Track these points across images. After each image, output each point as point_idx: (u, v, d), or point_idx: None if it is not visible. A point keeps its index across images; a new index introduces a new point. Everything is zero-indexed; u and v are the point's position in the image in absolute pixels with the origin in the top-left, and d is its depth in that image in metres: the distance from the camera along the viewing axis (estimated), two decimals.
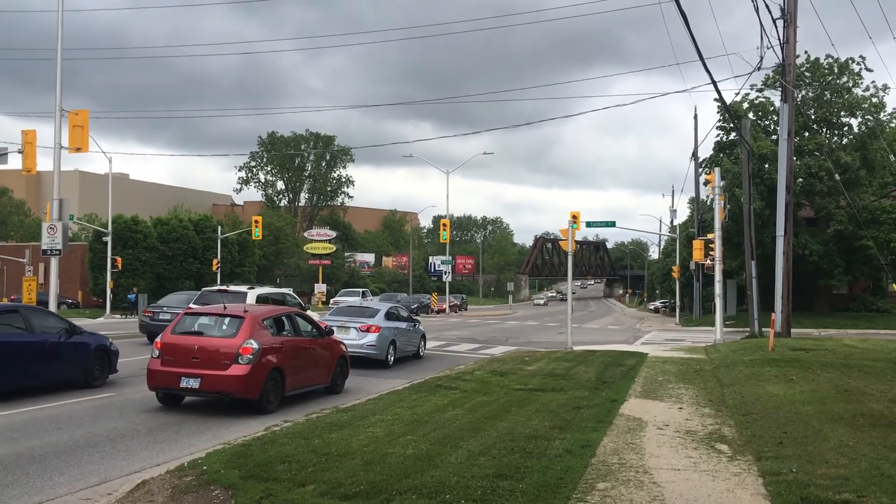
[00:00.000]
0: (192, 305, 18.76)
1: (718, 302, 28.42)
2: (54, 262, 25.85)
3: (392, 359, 20.31)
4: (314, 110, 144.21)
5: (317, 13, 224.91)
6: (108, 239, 50.64)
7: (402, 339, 21.28)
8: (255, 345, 11.82)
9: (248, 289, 22.73)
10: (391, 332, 20.52)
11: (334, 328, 19.06)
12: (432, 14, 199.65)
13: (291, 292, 26.20)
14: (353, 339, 19.46)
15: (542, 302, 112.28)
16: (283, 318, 13.52)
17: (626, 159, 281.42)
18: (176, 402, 12.55)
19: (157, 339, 12.50)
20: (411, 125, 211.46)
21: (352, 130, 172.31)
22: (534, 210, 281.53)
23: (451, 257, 66.23)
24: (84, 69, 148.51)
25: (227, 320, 12.45)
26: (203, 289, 25.81)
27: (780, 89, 28.57)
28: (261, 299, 20.99)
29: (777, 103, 37.42)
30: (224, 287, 23.98)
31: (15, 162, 26.28)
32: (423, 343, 23.20)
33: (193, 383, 11.75)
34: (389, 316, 21.17)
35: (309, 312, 23.71)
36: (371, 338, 19.67)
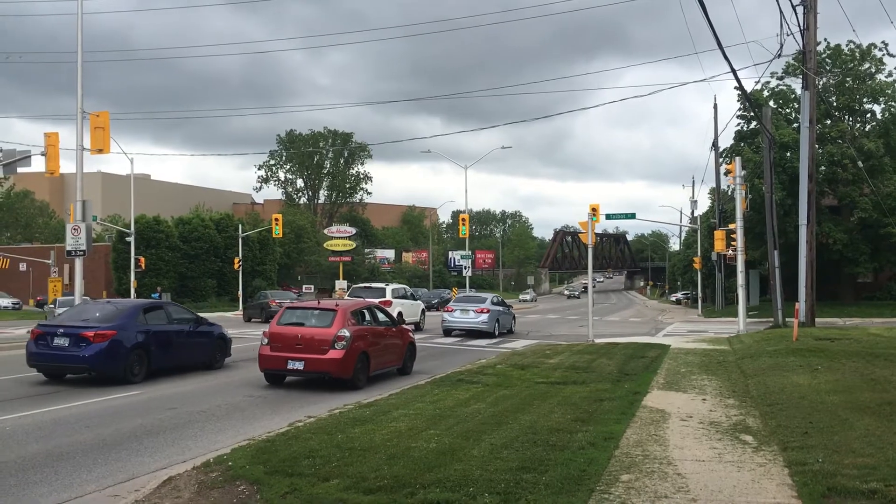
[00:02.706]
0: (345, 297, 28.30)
1: (741, 292, 28.20)
2: (79, 263, 26.12)
3: (497, 332, 28.33)
4: (327, 108, 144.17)
5: (316, 10, 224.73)
6: (132, 239, 51.11)
7: (502, 319, 29.40)
8: (347, 333, 14.00)
9: (385, 285, 31.47)
10: (496, 313, 28.63)
11: (458, 310, 28.56)
12: (429, 9, 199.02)
13: (409, 287, 36.87)
14: (472, 318, 28.10)
15: (528, 298, 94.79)
16: (365, 310, 15.80)
17: (641, 150, 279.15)
18: (280, 382, 14.68)
19: (266, 329, 14.74)
20: (421, 121, 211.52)
21: (361, 127, 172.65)
22: (550, 203, 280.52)
23: (470, 252, 66.21)
24: (92, 71, 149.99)
25: (323, 313, 14.65)
26: (353, 286, 33.51)
27: (800, 77, 28.26)
28: (396, 292, 30.60)
29: (798, 91, 37.06)
30: (368, 284, 32.56)
31: (38, 165, 26.55)
32: (514, 322, 31.28)
33: (298, 365, 13.99)
34: (493, 302, 29.41)
35: (419, 302, 33.84)
36: (484, 317, 27.95)
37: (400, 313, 28.38)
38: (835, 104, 45.78)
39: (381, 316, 16.33)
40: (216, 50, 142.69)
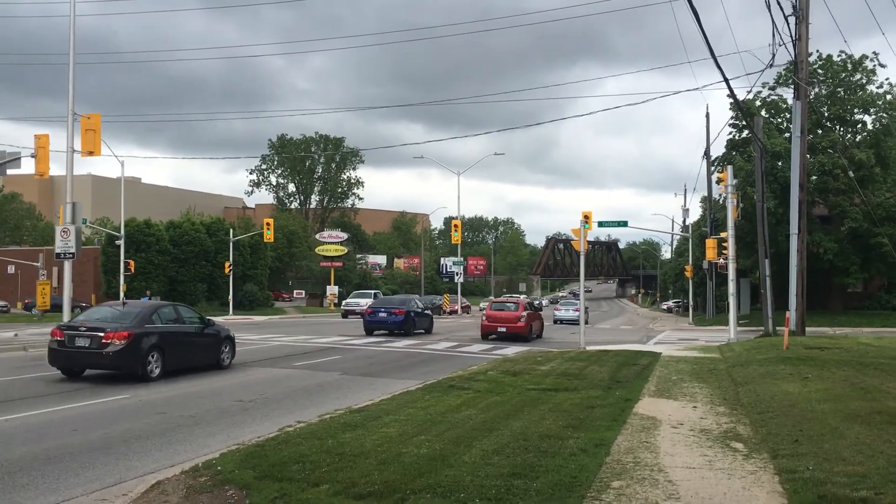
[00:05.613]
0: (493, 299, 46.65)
1: (732, 301, 28.25)
2: (68, 266, 25.99)
3: (587, 321, 40.51)
4: (309, 113, 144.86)
5: (292, 15, 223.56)
6: (121, 242, 50.90)
7: (590, 314, 47.72)
8: (525, 314, 29.22)
9: (522, 296, 51.01)
10: (585, 311, 40.43)
11: (563, 309, 50.03)
12: (407, 14, 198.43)
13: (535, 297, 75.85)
14: (572, 314, 46.20)
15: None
16: (529, 303, 32.24)
17: (629, 158, 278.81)
18: (488, 338, 28.91)
19: (484, 311, 30.27)
20: (403, 126, 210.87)
21: (344, 131, 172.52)
22: (540, 210, 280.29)
23: (462, 258, 66.18)
24: (75, 72, 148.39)
25: (511, 304, 30.98)
26: (502, 296, 59.26)
27: (792, 87, 28.40)
28: (526, 300, 43.34)
29: (790, 101, 37.22)
30: (511, 294, 70.87)
31: (27, 167, 26.42)
32: (589, 315, 47.93)
33: (503, 329, 28.65)
34: (580, 303, 45.24)
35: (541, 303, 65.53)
36: (576, 313, 43.05)
37: None
38: (826, 114, 46.01)
39: (535, 306, 32.95)
40: (196, 54, 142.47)
